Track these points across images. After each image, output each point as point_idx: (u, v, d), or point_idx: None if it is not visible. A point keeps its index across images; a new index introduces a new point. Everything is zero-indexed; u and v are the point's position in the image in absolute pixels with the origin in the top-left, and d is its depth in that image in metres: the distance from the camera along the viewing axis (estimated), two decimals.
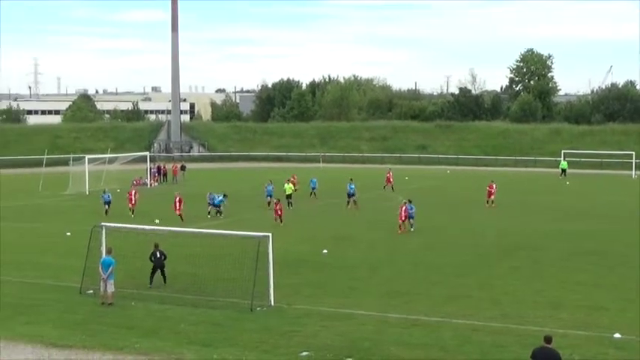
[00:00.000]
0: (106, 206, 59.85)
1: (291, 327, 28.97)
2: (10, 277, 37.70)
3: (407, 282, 37.15)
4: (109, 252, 33.68)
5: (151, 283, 35.63)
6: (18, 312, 31.37)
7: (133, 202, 60.30)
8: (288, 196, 63.90)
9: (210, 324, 29.44)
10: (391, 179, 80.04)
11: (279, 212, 54.81)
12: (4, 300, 33.33)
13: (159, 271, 35.79)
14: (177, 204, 57.29)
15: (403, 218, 52.04)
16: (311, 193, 72.95)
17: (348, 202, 65.22)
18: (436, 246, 47.19)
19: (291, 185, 65.81)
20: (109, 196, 60.83)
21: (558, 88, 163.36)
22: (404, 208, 52.20)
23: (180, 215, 56.40)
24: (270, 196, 63.37)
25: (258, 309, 31.25)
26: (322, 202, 69.50)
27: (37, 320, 30.06)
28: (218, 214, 58.97)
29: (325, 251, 44.34)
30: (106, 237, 35.36)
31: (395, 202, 57.65)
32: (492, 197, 66.23)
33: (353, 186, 65.96)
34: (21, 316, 30.64)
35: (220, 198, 59.52)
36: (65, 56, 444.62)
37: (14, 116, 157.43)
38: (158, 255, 35.77)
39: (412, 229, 51.93)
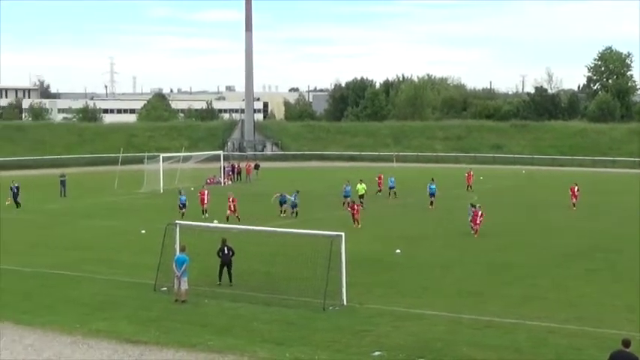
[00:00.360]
0: (183, 209, 58.45)
1: (364, 326, 28.86)
2: (87, 274, 38.20)
3: (480, 282, 36.81)
4: (182, 250, 33.90)
5: (220, 279, 35.75)
6: (95, 308, 31.75)
7: (205, 201, 59.56)
8: (361, 197, 63.23)
9: (282, 322, 29.45)
10: (471, 179, 79.82)
11: (356, 214, 54.28)
12: (82, 296, 33.79)
13: (226, 268, 35.98)
14: (232, 205, 56.22)
15: (478, 222, 50.35)
16: (390, 193, 72.58)
17: (432, 203, 64.87)
18: (510, 246, 46.70)
19: (363, 185, 65.28)
20: (184, 198, 59.64)
21: (637, 87, 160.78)
22: (479, 213, 50.49)
23: (237, 217, 54.91)
24: (347, 197, 63.30)
25: (330, 308, 31.19)
26: (399, 201, 69.32)
27: (113, 316, 30.37)
28: (293, 215, 58.62)
29: (398, 251, 44.13)
30: (180, 235, 35.61)
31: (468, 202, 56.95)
32: (575, 200, 64.91)
33: (434, 186, 65.69)
34: (98, 312, 31.00)
35: (292, 198, 59.41)
36: (141, 56, 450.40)
37: (91, 115, 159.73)
38: (226, 251, 35.89)
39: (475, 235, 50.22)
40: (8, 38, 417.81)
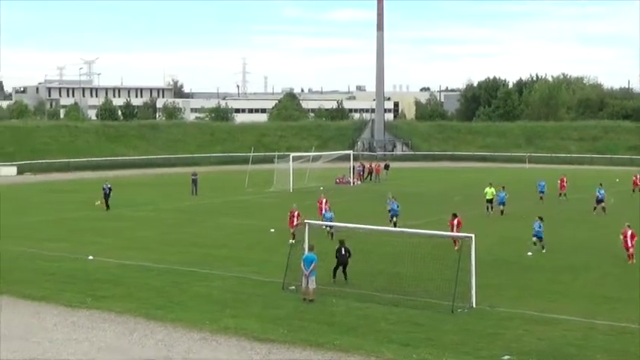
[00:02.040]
0: (330, 231, 46.62)
1: (493, 330, 28.40)
2: (217, 272, 38.65)
3: (615, 287, 35.78)
4: (311, 249, 34.01)
5: (334, 277, 35.72)
6: (224, 305, 32.06)
7: (324, 211, 53.04)
8: (489, 201, 61.10)
9: (410, 323, 29.22)
10: (564, 186, 72.16)
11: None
12: (212, 293, 34.19)
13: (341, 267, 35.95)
14: (294, 219, 47.35)
15: (630, 246, 41.33)
16: (540, 197, 68.95)
17: (595, 208, 61.28)
18: None
19: (492, 190, 61.63)
20: (332, 216, 48.65)
21: None
22: (629, 232, 41.50)
23: (293, 233, 45.91)
24: (502, 204, 60.57)
25: (459, 310, 30.81)
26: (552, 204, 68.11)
27: (241, 314, 30.59)
28: (392, 223, 51.88)
29: (530, 253, 43.37)
30: (309, 234, 35.74)
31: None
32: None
33: (603, 191, 62.05)
34: (227, 310, 31.28)
35: (393, 205, 53.84)
36: (272, 55, 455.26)
37: (222, 114, 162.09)
38: (343, 252, 35.79)
39: (544, 251, 44.38)
40: (144, 39, 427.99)
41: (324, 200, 54.14)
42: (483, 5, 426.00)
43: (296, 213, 47.73)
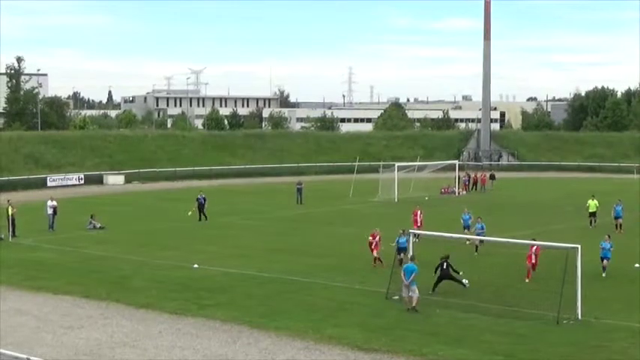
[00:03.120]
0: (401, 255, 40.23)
1: (599, 342, 27.95)
2: (321, 281, 38.82)
3: None
4: (412, 259, 33.94)
5: (433, 290, 35.30)
6: (328, 314, 32.20)
7: (419, 223, 52.00)
8: (592, 214, 58.50)
9: (514, 335, 28.93)
10: None
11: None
12: (316, 302, 34.36)
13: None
14: (375, 244, 43.24)
15: None
16: (616, 225, 58.67)
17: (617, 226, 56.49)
18: None
19: (595, 202, 59.14)
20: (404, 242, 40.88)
21: None
22: None
23: (376, 258, 42.81)
24: (618, 218, 56.54)
25: (564, 322, 30.39)
26: None
27: (344, 323, 30.68)
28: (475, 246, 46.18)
29: (637, 265, 42.48)
30: (412, 244, 35.66)
31: None
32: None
33: (620, 207, 57.23)
34: (330, 319, 31.42)
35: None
36: (379, 65, 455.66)
37: (328, 124, 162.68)
38: (445, 266, 35.61)
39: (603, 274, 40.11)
40: (251, 49, 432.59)
41: (418, 212, 53.42)
42: (595, 12, 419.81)
43: (377, 237, 43.24)
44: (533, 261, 38.07)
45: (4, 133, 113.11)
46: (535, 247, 37.80)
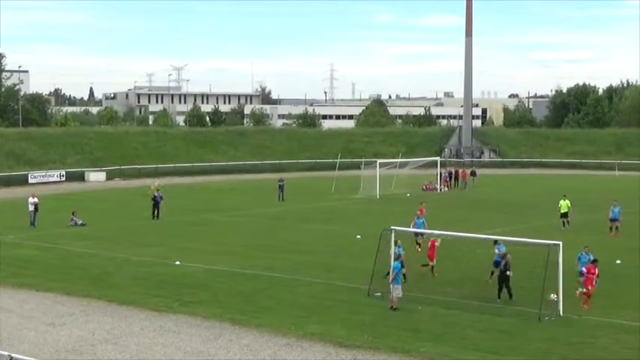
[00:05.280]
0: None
1: (581, 338, 28.06)
2: (303, 277, 38.80)
3: None
4: (397, 257, 33.83)
5: (499, 296, 33.83)
6: (310, 311, 32.23)
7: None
8: (563, 215, 56.19)
9: (496, 331, 29.03)
10: None
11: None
12: (298, 299, 34.38)
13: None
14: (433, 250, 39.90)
15: None
16: (611, 228, 54.70)
17: (611, 229, 54.45)
18: None
19: (567, 202, 56.99)
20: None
21: None
22: None
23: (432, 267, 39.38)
24: (615, 220, 53.89)
25: (546, 318, 30.49)
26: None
27: (326, 320, 30.73)
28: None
29: (619, 261, 42.62)
30: (396, 240, 35.65)
31: None
32: None
33: (617, 209, 54.57)
34: (312, 315, 31.46)
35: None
36: (360, 62, 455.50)
37: (310, 121, 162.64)
38: (503, 268, 34.02)
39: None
40: (232, 46, 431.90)
41: (424, 209, 51.69)
42: (573, 10, 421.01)
43: (437, 243, 39.42)
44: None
45: None
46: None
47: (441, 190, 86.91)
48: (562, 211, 56.55)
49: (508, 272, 33.86)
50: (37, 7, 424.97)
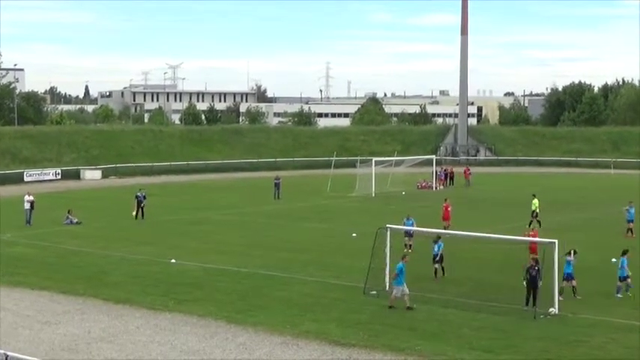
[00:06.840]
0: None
1: (577, 337, 28.06)
2: (299, 276, 38.79)
3: None
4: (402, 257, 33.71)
5: (526, 304, 32.14)
6: (305, 309, 32.19)
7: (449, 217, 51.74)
8: (534, 214, 55.35)
9: (492, 330, 29.02)
10: None
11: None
12: (293, 298, 34.34)
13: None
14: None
15: None
16: (628, 230, 52.30)
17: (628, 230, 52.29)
18: None
19: (536, 201, 57.60)
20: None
21: None
22: None
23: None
24: (631, 221, 52.19)
25: (542, 317, 30.50)
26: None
27: (322, 318, 30.72)
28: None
29: (614, 260, 42.51)
30: (391, 239, 35.60)
31: None
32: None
33: (633, 210, 52.86)
34: (308, 314, 31.44)
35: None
36: (356, 60, 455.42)
37: (305, 119, 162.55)
38: (534, 273, 32.08)
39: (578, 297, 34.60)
40: (228, 44, 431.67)
41: (449, 207, 53.45)
42: (569, 9, 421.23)
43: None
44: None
45: None
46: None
47: (436, 188, 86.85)
48: (532, 209, 56.74)
49: (540, 280, 32.03)
50: (32, 7, 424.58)
